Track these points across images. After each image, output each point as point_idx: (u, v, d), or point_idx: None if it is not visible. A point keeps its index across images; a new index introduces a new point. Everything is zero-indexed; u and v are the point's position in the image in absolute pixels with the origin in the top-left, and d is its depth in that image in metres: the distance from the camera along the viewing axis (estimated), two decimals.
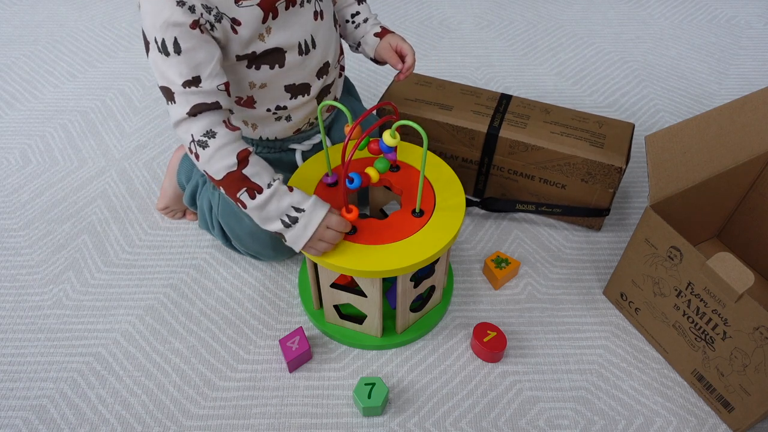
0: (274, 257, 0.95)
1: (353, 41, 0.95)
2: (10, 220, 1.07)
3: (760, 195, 0.94)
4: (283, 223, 0.74)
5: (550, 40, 1.54)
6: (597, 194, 1.00)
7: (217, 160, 0.72)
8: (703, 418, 0.82)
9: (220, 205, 0.91)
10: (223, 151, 0.72)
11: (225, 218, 0.91)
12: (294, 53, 0.79)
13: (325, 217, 0.74)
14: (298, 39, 0.79)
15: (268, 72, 0.79)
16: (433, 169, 0.85)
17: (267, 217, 0.75)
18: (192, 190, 0.98)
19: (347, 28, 0.94)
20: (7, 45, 1.49)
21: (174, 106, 0.72)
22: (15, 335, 0.90)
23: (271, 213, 0.74)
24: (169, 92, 0.71)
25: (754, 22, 1.61)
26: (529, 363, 0.88)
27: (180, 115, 0.71)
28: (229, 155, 0.72)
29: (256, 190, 0.73)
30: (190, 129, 0.72)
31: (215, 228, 0.95)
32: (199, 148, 0.72)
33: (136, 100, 1.33)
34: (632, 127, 1.01)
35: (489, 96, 1.06)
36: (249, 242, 0.92)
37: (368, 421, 0.81)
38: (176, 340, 0.90)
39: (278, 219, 0.74)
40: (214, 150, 0.72)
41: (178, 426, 0.80)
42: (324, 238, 0.74)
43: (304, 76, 0.83)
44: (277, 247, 0.92)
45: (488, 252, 1.03)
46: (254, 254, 0.95)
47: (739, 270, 0.71)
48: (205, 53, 0.71)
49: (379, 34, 0.92)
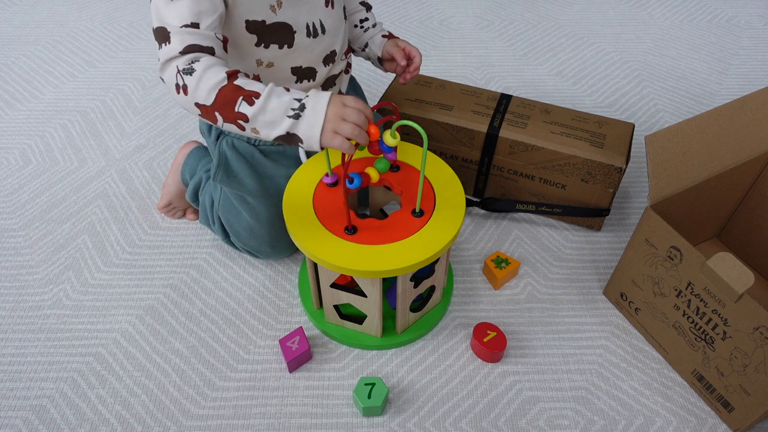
0: (272, 254, 0.95)
1: (360, 44, 0.97)
2: (10, 220, 1.07)
3: (760, 195, 0.94)
4: (291, 117, 0.68)
5: (549, 40, 1.54)
6: (597, 194, 1.00)
7: (206, 81, 0.69)
8: (703, 418, 0.82)
9: (221, 199, 0.92)
10: (211, 71, 0.69)
11: (225, 213, 0.92)
12: (302, 34, 0.81)
13: (332, 96, 0.69)
14: (306, 20, 0.81)
15: (277, 51, 0.81)
16: (433, 169, 0.85)
17: (272, 120, 0.69)
18: (195, 185, 0.98)
19: (355, 31, 0.96)
20: (7, 45, 1.49)
21: (167, 47, 0.70)
22: (15, 335, 0.90)
23: (275, 111, 0.68)
24: (164, 32, 0.70)
25: (754, 22, 1.61)
26: (529, 363, 0.88)
27: (171, 53, 0.70)
28: (217, 73, 0.69)
29: (253, 96, 0.68)
30: (176, 63, 0.70)
31: (215, 223, 0.96)
32: (185, 76, 0.69)
33: (136, 100, 1.33)
34: (632, 127, 1.01)
35: (489, 96, 1.06)
36: (247, 238, 0.92)
37: (368, 421, 0.81)
38: (176, 340, 0.90)
39: (284, 115, 0.68)
40: (201, 72, 0.69)
41: (178, 426, 0.80)
42: (346, 117, 0.68)
43: (310, 59, 0.84)
44: (274, 244, 0.92)
45: (488, 252, 1.03)
46: (252, 251, 0.95)
47: (739, 270, 0.71)
48: (209, 4, 0.71)
49: (387, 36, 0.96)
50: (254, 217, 0.90)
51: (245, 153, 0.90)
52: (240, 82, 0.69)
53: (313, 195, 0.81)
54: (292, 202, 0.80)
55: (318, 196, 0.81)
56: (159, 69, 0.72)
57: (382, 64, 0.97)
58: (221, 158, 0.90)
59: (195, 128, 1.26)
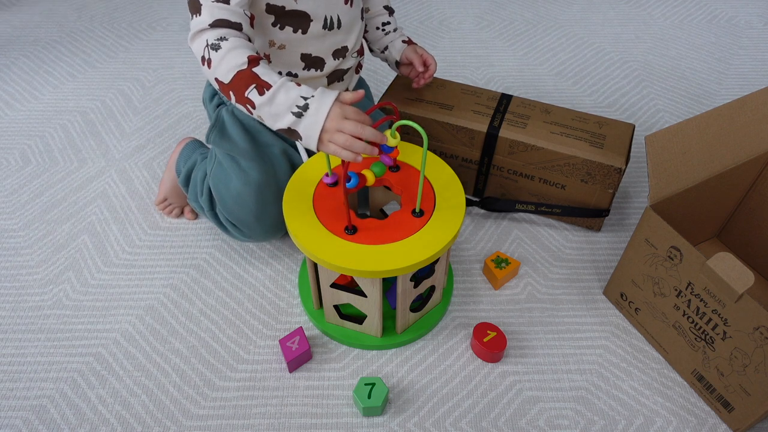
0: (255, 227, 0.92)
1: (380, 46, 1.02)
2: (10, 221, 1.07)
3: (760, 195, 0.94)
4: (294, 114, 0.71)
5: (550, 40, 1.54)
6: (597, 195, 1.00)
7: (228, 60, 0.73)
8: (703, 418, 0.82)
9: (213, 168, 0.93)
10: (235, 51, 0.73)
11: (215, 181, 0.93)
12: (318, 24, 0.85)
13: (337, 99, 0.72)
14: (325, 13, 0.85)
15: (290, 35, 0.84)
16: (433, 169, 0.85)
17: (277, 113, 0.72)
18: (188, 168, 1.00)
19: (376, 34, 1.01)
20: (7, 45, 1.49)
21: (197, 18, 0.75)
22: (15, 335, 0.90)
23: (281, 106, 0.72)
24: (196, 4, 0.75)
25: (754, 22, 1.61)
26: (529, 363, 0.88)
27: (201, 25, 0.74)
28: (240, 55, 0.73)
29: (265, 87, 0.72)
30: (206, 35, 0.74)
31: (203, 195, 0.95)
32: (212, 51, 0.73)
33: (136, 101, 1.33)
34: (633, 128, 1.00)
35: (489, 96, 1.06)
36: (233, 206, 0.91)
37: (368, 421, 0.81)
38: (176, 340, 0.90)
39: (288, 111, 0.71)
40: (226, 51, 0.73)
41: (178, 426, 0.80)
42: (343, 129, 0.70)
43: (321, 49, 0.87)
44: (259, 215, 0.90)
45: (488, 252, 1.03)
46: (237, 223, 0.93)
47: (739, 270, 0.71)
48: None
49: (406, 41, 1.01)
50: (244, 181, 0.89)
51: (243, 119, 0.92)
52: (258, 70, 0.73)
53: (313, 195, 0.82)
54: (292, 202, 0.81)
55: (318, 196, 0.81)
56: (189, 38, 0.77)
57: (399, 68, 1.02)
58: (218, 121, 0.92)
59: (195, 128, 1.26)
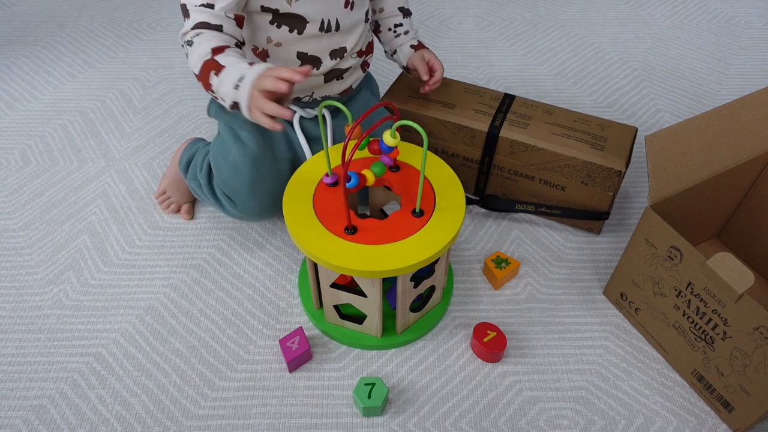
0: (249, 201, 0.93)
1: (390, 48, 1.03)
2: (10, 221, 1.07)
3: (760, 195, 0.94)
4: (234, 88, 0.73)
5: (550, 40, 1.54)
6: (596, 197, 1.00)
7: (197, 52, 0.76)
8: (703, 418, 0.82)
9: (215, 143, 0.96)
10: (203, 45, 0.76)
11: (215, 154, 0.95)
12: (315, 27, 0.86)
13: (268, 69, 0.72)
14: (321, 16, 0.85)
15: (287, 34, 0.85)
16: (433, 169, 0.85)
17: (226, 92, 0.74)
18: (190, 155, 1.02)
19: (388, 35, 1.01)
20: (7, 45, 1.49)
21: (187, 21, 0.80)
22: (15, 335, 0.90)
23: (228, 86, 0.73)
24: (185, 9, 0.80)
25: (754, 22, 1.61)
26: (529, 363, 0.88)
27: (187, 28, 0.79)
28: (206, 47, 0.76)
29: (221, 69, 0.75)
30: (188, 36, 0.79)
31: (202, 171, 0.97)
32: (188, 47, 0.78)
33: (136, 101, 1.33)
34: (635, 130, 1.00)
35: (492, 95, 1.06)
36: (229, 178, 0.93)
37: (368, 421, 0.81)
38: (176, 340, 0.90)
39: (231, 87, 0.73)
40: (197, 44, 0.77)
41: (178, 426, 0.80)
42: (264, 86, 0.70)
43: (317, 49, 0.88)
44: (254, 188, 0.92)
45: (488, 252, 1.03)
46: (231, 195, 0.94)
47: (739, 270, 0.71)
48: None
49: (415, 46, 1.00)
50: (242, 152, 0.92)
51: None
52: (220, 57, 0.75)
53: (313, 195, 0.82)
54: (292, 202, 0.81)
55: (318, 196, 0.81)
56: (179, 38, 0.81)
57: (409, 72, 1.03)
58: None
59: (195, 128, 1.26)
